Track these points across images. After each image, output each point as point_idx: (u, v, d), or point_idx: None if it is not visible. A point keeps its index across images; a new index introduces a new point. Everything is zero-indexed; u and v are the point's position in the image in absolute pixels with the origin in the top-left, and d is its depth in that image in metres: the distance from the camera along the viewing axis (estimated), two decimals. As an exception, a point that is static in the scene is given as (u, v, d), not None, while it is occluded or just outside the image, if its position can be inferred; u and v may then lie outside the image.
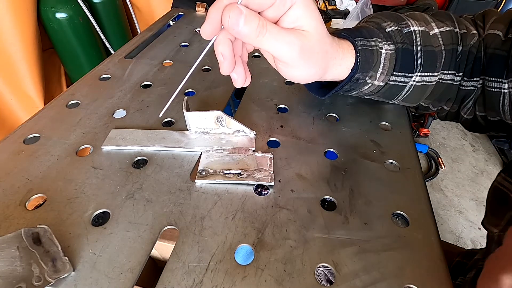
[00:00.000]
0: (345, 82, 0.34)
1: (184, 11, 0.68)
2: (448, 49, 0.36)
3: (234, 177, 0.32)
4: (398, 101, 0.39)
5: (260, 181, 0.31)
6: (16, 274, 0.23)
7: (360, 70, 0.33)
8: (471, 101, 0.39)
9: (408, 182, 0.33)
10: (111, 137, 0.36)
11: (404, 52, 0.34)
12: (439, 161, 1.60)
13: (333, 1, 2.12)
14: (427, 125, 1.70)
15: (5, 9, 0.72)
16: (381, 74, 0.35)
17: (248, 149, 0.35)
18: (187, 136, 0.37)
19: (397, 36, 0.34)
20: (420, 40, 0.35)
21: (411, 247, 0.27)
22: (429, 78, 0.36)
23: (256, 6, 0.25)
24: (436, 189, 1.49)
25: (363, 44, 0.33)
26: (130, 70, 0.48)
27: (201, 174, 0.32)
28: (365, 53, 0.33)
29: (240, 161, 0.34)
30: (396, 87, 0.36)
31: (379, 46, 0.34)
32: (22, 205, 0.29)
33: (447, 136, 1.79)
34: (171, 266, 0.25)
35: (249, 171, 0.33)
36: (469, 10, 1.60)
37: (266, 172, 0.32)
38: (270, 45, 0.26)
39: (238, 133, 0.37)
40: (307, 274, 0.25)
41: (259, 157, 0.34)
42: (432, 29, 0.36)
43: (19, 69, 0.79)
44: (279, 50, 0.26)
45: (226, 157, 0.34)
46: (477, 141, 1.76)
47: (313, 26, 0.27)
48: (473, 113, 0.40)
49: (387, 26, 0.35)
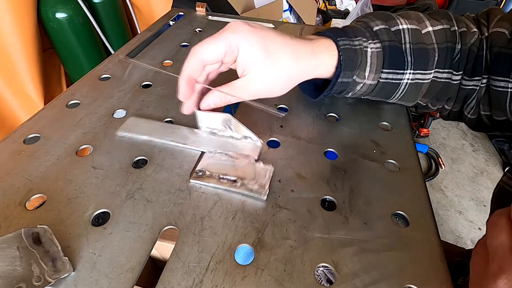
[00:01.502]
0: (333, 82, 0.35)
1: (184, 11, 0.68)
2: (442, 47, 0.36)
3: (228, 183, 0.31)
4: (396, 100, 0.39)
5: (253, 192, 0.30)
6: (16, 274, 0.23)
7: (345, 69, 0.34)
8: (473, 100, 0.39)
9: (408, 182, 0.33)
10: (128, 124, 0.37)
11: (391, 49, 0.35)
12: (439, 161, 1.60)
13: (333, 1, 2.12)
14: (427, 125, 1.70)
15: (5, 9, 0.72)
16: (369, 73, 0.35)
17: (250, 156, 0.34)
18: (196, 134, 0.37)
19: (384, 34, 0.35)
20: (409, 38, 0.35)
21: (411, 247, 0.27)
22: (422, 75, 0.36)
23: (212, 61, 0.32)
24: (436, 189, 1.49)
25: (345, 43, 0.34)
26: (130, 70, 0.48)
27: (197, 174, 0.32)
28: (347, 52, 0.34)
29: (239, 168, 0.33)
30: (390, 85, 0.36)
31: (363, 45, 0.34)
32: (22, 205, 0.29)
33: (447, 136, 1.79)
34: (171, 266, 0.25)
35: (245, 180, 0.32)
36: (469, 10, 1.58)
37: (262, 185, 0.31)
38: (235, 100, 0.33)
39: (245, 139, 0.36)
40: (307, 274, 0.25)
41: (259, 167, 0.33)
42: (425, 28, 0.36)
43: (19, 69, 0.79)
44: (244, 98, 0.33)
45: (227, 161, 0.34)
46: (477, 141, 1.76)
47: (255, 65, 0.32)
48: (477, 113, 0.39)
49: (374, 25, 0.36)
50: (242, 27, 0.31)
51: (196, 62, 0.32)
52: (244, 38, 0.31)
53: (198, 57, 0.31)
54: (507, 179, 0.36)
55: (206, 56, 0.31)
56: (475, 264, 0.22)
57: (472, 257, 0.23)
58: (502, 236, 0.20)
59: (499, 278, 0.18)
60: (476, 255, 0.22)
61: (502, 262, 0.19)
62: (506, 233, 0.20)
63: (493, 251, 0.20)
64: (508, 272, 0.18)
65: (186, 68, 0.32)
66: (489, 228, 0.21)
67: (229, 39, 0.31)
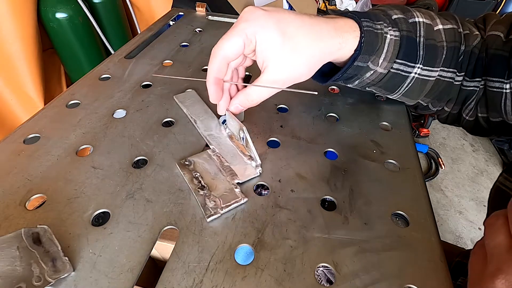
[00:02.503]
0: (349, 64, 0.34)
1: (184, 11, 0.68)
2: (450, 46, 0.36)
3: (196, 186, 0.31)
4: (398, 95, 0.39)
5: (202, 208, 0.29)
6: (16, 274, 0.23)
7: (364, 52, 0.33)
8: (473, 102, 0.39)
9: (408, 182, 0.33)
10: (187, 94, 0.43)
11: (408, 40, 0.34)
12: (439, 161, 1.60)
13: (333, 1, 2.12)
14: (427, 125, 1.70)
15: (5, 9, 0.72)
16: (383, 60, 0.34)
17: (236, 178, 0.32)
18: (218, 129, 0.38)
19: (403, 24, 0.35)
20: (423, 32, 0.35)
21: (411, 247, 0.27)
22: (429, 72, 0.36)
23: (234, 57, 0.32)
24: (436, 189, 1.49)
25: (369, 25, 0.33)
26: (130, 70, 0.48)
27: (183, 162, 0.33)
28: (370, 35, 0.33)
29: (216, 179, 0.32)
30: (398, 77, 0.36)
31: (384, 30, 0.34)
32: (22, 205, 0.29)
33: (447, 136, 1.79)
34: (171, 266, 0.25)
35: (211, 194, 0.30)
36: (469, 10, 1.61)
37: (216, 208, 0.29)
38: (260, 101, 0.33)
39: (248, 160, 0.34)
40: (307, 274, 0.25)
41: (232, 193, 0.31)
42: (437, 25, 0.36)
43: (19, 69, 0.79)
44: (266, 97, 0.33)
45: (215, 166, 0.33)
46: (477, 141, 1.76)
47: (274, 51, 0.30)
48: (474, 115, 0.40)
49: (393, 13, 0.36)
50: (256, 13, 0.30)
51: (218, 62, 0.31)
52: (259, 25, 0.30)
53: (219, 56, 0.31)
54: (503, 180, 0.36)
55: (227, 53, 0.31)
56: (473, 265, 0.22)
57: (470, 257, 0.23)
58: (499, 237, 0.20)
59: (497, 278, 0.19)
60: (474, 256, 0.23)
61: (500, 263, 0.19)
62: (503, 233, 0.20)
63: (491, 251, 0.20)
64: (506, 272, 0.18)
65: (210, 70, 0.32)
66: (487, 229, 0.22)
67: (245, 30, 0.30)
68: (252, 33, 0.30)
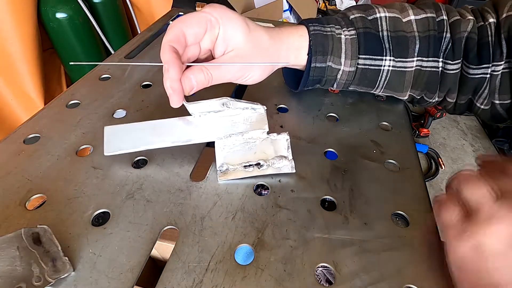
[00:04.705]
0: (307, 67, 0.36)
1: (184, 11, 0.68)
2: (423, 36, 0.36)
3: (255, 169, 0.32)
4: (382, 90, 0.39)
5: (281, 170, 0.31)
6: (16, 274, 0.23)
7: (316, 53, 0.35)
8: (486, 90, 0.37)
9: (408, 182, 0.33)
10: (109, 140, 0.32)
11: (366, 35, 0.36)
12: (439, 161, 1.60)
13: (333, 1, 2.12)
14: (427, 125, 1.70)
15: (5, 9, 0.72)
16: (345, 59, 0.36)
17: (262, 130, 0.33)
18: (192, 123, 0.33)
19: (359, 22, 0.37)
20: (386, 26, 0.37)
21: (411, 247, 0.27)
22: (404, 63, 0.37)
23: (193, 38, 0.30)
24: (436, 189, 1.49)
25: (316, 29, 0.36)
26: (130, 70, 0.48)
27: (221, 171, 0.32)
28: (317, 37, 0.35)
29: (257, 150, 0.33)
30: (370, 72, 0.37)
31: (336, 32, 0.36)
32: (22, 205, 0.29)
33: (447, 136, 1.79)
34: (171, 266, 0.25)
35: (268, 160, 0.32)
36: (469, 10, 1.58)
37: (286, 159, 0.32)
38: (218, 81, 0.32)
39: (247, 109, 0.34)
40: (307, 274, 0.25)
41: (275, 141, 0.33)
42: (407, 16, 0.37)
43: (19, 69, 0.79)
44: (226, 78, 0.32)
45: (241, 145, 0.33)
46: (477, 141, 1.76)
47: (240, 40, 0.31)
48: (490, 103, 0.38)
49: (351, 14, 0.38)
50: (220, 6, 0.31)
51: (177, 31, 0.29)
52: (224, 14, 0.31)
53: (178, 27, 0.29)
54: None
55: (187, 29, 0.29)
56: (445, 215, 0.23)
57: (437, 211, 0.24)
58: (484, 188, 0.21)
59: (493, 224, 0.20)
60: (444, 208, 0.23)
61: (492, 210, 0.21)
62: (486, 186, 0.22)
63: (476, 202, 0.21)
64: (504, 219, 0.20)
65: (166, 36, 0.29)
66: (464, 182, 0.23)
67: (209, 14, 0.30)
68: (215, 19, 0.30)
